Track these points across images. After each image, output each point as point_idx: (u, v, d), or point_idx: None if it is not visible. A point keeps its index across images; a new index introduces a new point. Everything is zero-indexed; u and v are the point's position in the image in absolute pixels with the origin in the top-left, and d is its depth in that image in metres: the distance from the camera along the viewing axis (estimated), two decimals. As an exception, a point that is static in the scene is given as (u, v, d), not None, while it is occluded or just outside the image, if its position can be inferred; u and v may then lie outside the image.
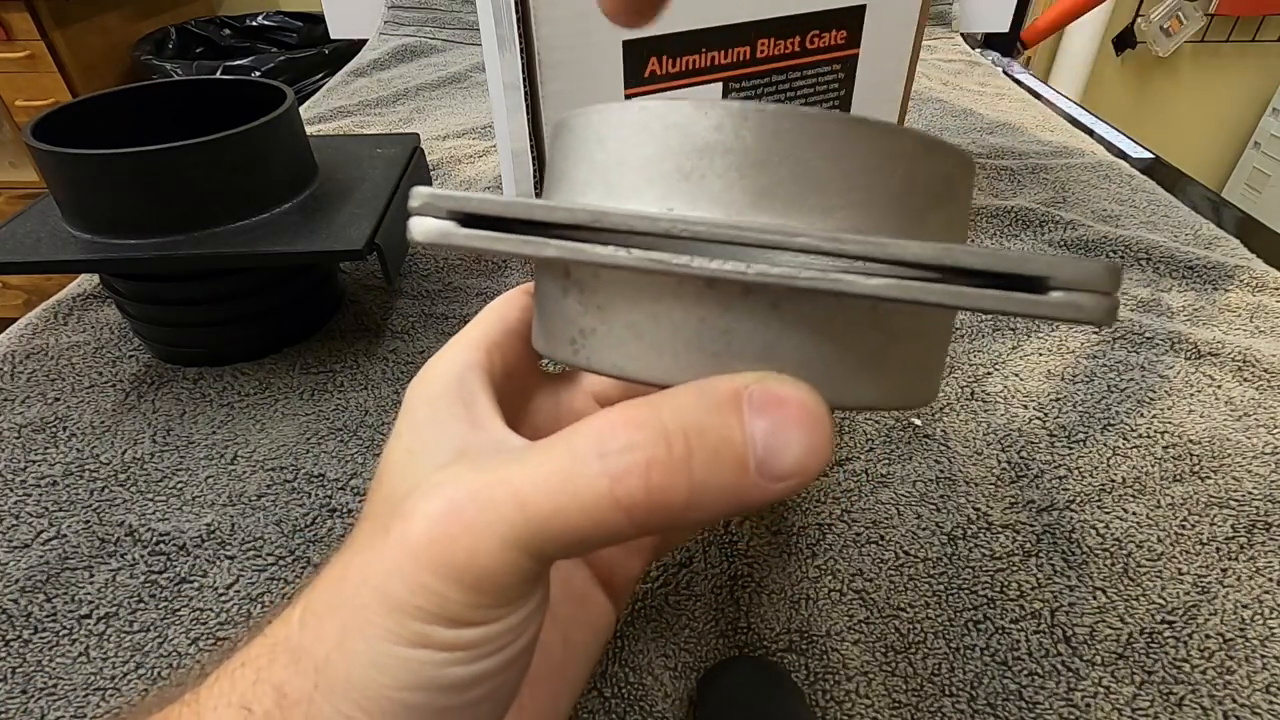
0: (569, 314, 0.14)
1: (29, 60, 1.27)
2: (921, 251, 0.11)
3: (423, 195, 0.12)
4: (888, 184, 0.12)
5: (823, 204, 0.12)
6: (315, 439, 0.32)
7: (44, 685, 0.24)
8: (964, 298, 0.11)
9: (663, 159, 0.13)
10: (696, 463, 0.11)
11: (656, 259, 0.11)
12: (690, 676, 0.24)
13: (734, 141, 0.12)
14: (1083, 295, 0.11)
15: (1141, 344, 0.37)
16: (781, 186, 0.12)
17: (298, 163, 0.36)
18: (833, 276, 0.11)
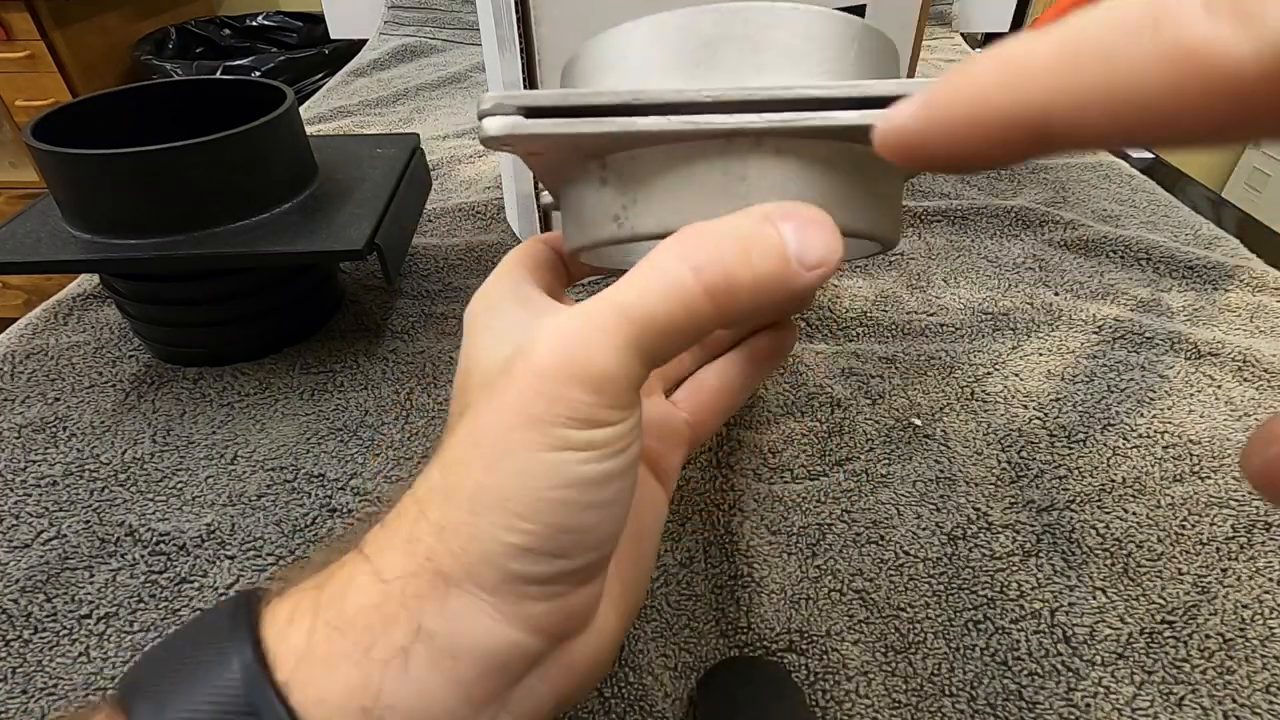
0: (607, 200, 0.17)
1: (29, 60, 1.27)
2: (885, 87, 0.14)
3: (491, 97, 0.15)
4: (847, 55, 0.16)
5: (806, 70, 0.16)
6: (315, 439, 0.32)
7: (44, 685, 0.24)
8: None
9: (676, 53, 0.16)
10: (754, 257, 0.14)
11: (691, 120, 0.14)
12: (690, 676, 0.24)
13: (730, 32, 0.16)
14: None
15: (1141, 344, 0.37)
16: (772, 61, 0.16)
17: (298, 163, 0.36)
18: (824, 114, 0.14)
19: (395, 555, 0.15)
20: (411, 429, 0.33)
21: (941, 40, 0.90)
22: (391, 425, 0.33)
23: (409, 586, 0.15)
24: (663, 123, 0.15)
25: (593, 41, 0.17)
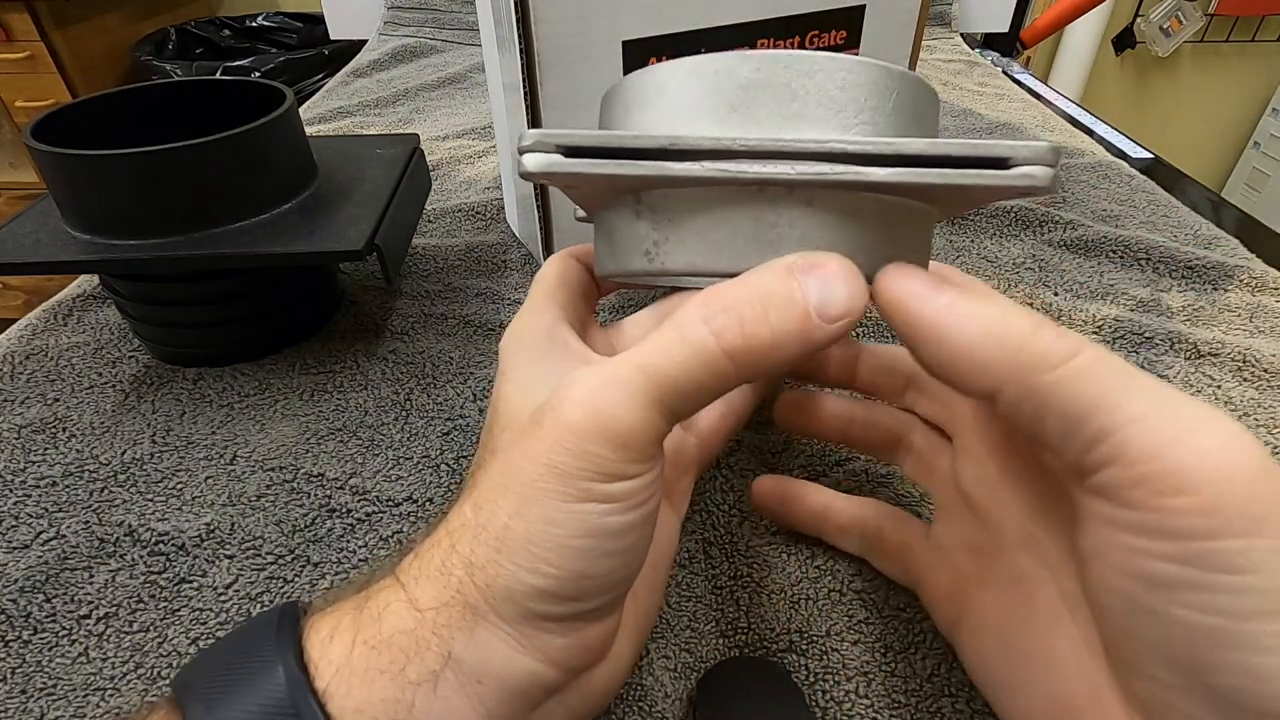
0: (640, 232, 0.17)
1: (29, 61, 1.27)
2: (917, 145, 0.14)
3: (532, 135, 0.16)
4: (885, 106, 0.16)
5: (841, 122, 0.16)
6: (315, 439, 0.32)
7: (43, 685, 0.24)
8: (950, 177, 0.14)
9: (714, 96, 0.16)
10: (773, 316, 0.15)
11: (724, 167, 0.15)
12: (690, 676, 0.24)
13: (771, 79, 0.16)
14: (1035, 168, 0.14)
15: (1141, 344, 0.37)
16: (809, 110, 0.16)
17: (298, 163, 0.36)
18: (855, 169, 0.15)
19: (429, 585, 0.16)
20: (411, 429, 0.33)
21: (941, 40, 0.90)
22: (391, 425, 0.33)
23: (440, 616, 0.16)
24: (697, 169, 0.15)
25: (633, 77, 0.18)
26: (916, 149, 0.14)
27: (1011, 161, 0.14)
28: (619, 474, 0.15)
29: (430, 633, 0.16)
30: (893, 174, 0.14)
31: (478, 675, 0.16)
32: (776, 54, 0.16)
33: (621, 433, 0.15)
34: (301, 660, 0.15)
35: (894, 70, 0.16)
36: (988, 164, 0.14)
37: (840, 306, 0.15)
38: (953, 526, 0.23)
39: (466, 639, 0.16)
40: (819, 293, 0.15)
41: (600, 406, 0.15)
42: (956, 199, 0.17)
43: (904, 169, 0.15)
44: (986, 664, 0.20)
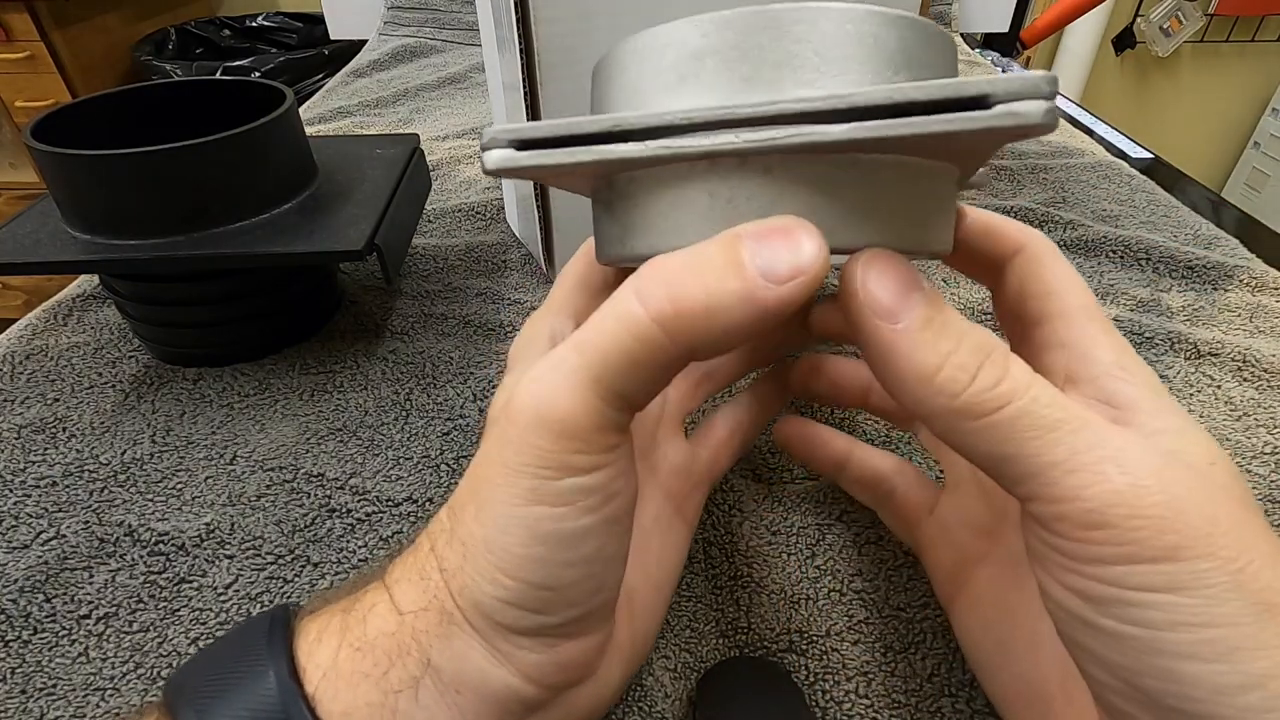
0: (615, 217, 0.16)
1: (29, 61, 1.27)
2: (874, 94, 0.13)
3: (489, 131, 0.15)
4: (854, 55, 0.14)
5: (800, 79, 0.14)
6: (315, 439, 0.32)
7: (43, 685, 0.24)
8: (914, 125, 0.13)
9: (665, 70, 0.15)
10: (707, 276, 0.14)
11: (667, 144, 0.14)
12: (690, 676, 0.24)
13: (719, 43, 0.15)
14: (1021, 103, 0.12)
15: (1141, 344, 0.37)
16: (762, 71, 0.14)
17: (298, 163, 0.36)
18: (804, 129, 0.13)
19: (410, 588, 0.16)
20: (411, 429, 0.33)
21: (941, 40, 0.90)
22: (391, 425, 0.33)
23: (419, 621, 0.15)
24: (640, 149, 0.14)
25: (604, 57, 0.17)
26: (870, 98, 0.13)
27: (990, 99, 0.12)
28: (564, 466, 0.14)
29: (410, 637, 0.15)
30: (849, 130, 0.13)
31: (455, 685, 0.15)
32: (724, 14, 0.14)
33: (559, 419, 0.14)
34: (293, 665, 0.15)
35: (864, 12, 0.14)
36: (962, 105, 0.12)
37: (788, 265, 0.13)
38: (961, 502, 0.23)
39: (444, 646, 0.15)
40: (758, 251, 0.13)
41: (537, 392, 0.15)
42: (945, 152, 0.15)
43: (861, 123, 0.13)
44: (975, 640, 0.21)
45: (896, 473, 0.25)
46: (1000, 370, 0.14)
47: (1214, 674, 0.13)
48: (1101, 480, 0.13)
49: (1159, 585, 0.13)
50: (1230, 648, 0.12)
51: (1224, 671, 0.13)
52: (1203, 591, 0.13)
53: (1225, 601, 0.13)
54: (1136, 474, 0.13)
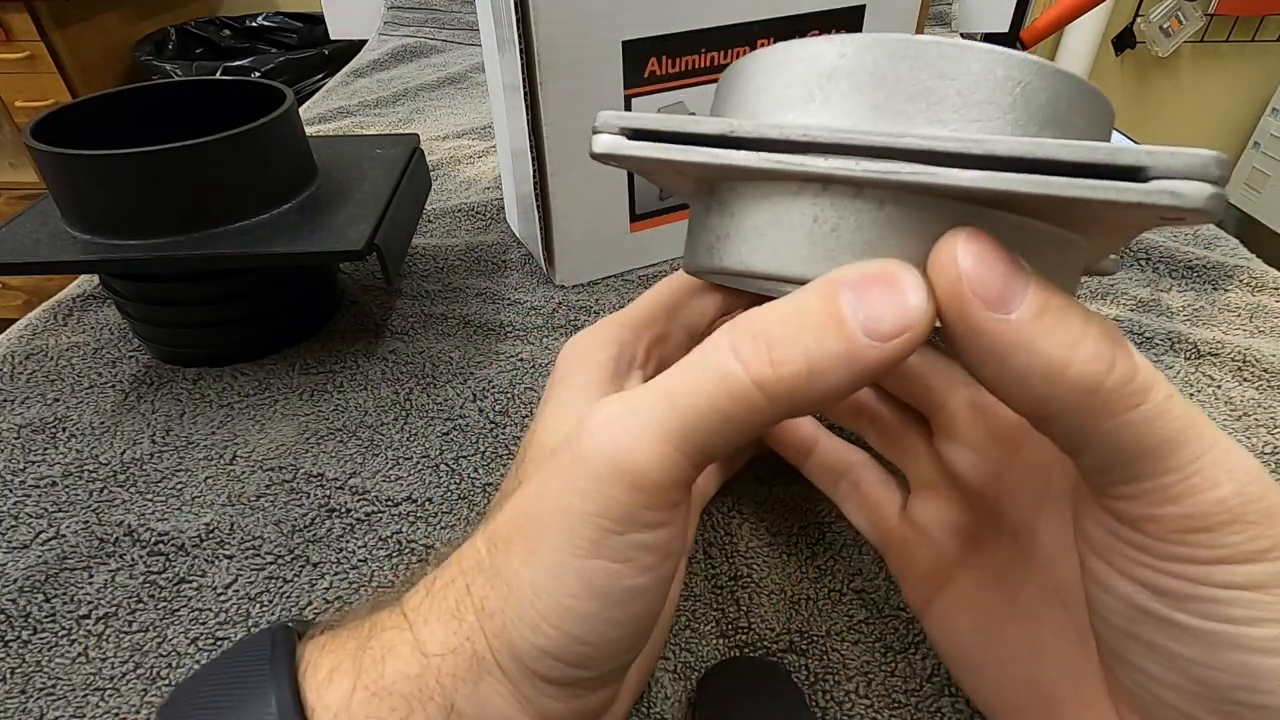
0: (710, 225, 0.16)
1: (29, 61, 1.27)
2: (1014, 145, 0.12)
3: (602, 116, 0.15)
4: (998, 101, 0.13)
5: (934, 116, 0.13)
6: (314, 439, 0.32)
7: (43, 685, 0.24)
8: (1053, 186, 0.11)
9: (793, 85, 0.15)
10: (809, 337, 0.13)
11: (783, 160, 0.13)
12: (690, 676, 0.24)
13: (856, 65, 0.14)
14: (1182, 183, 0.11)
15: (1141, 344, 0.37)
16: (895, 101, 0.14)
17: (298, 163, 0.36)
18: (931, 170, 0.12)
19: (438, 628, 0.15)
20: (411, 429, 0.33)
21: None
22: (391, 425, 0.33)
23: (447, 664, 0.15)
24: (753, 159, 0.14)
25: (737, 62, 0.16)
26: (1009, 148, 0.12)
27: (1149, 172, 0.11)
28: (634, 522, 0.14)
29: (435, 681, 0.15)
30: (979, 178, 0.12)
31: None
32: (868, 37, 0.14)
33: (638, 471, 0.13)
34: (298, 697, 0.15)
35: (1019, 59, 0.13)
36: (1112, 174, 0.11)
37: (893, 322, 0.13)
38: (936, 506, 0.22)
39: (470, 691, 0.14)
40: (861, 309, 0.13)
41: (616, 439, 0.14)
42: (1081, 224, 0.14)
43: (994, 173, 0.12)
44: (959, 643, 0.20)
45: (862, 465, 0.24)
46: (1133, 363, 0.13)
47: None
48: (1212, 487, 0.13)
49: (1244, 583, 0.13)
50: None
51: None
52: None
53: None
54: (1245, 481, 0.13)
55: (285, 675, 0.15)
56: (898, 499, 0.23)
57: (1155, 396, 0.13)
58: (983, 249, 0.13)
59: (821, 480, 0.26)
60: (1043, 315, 0.13)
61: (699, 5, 0.36)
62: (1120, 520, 0.14)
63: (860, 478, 0.24)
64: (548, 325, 0.39)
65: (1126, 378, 0.13)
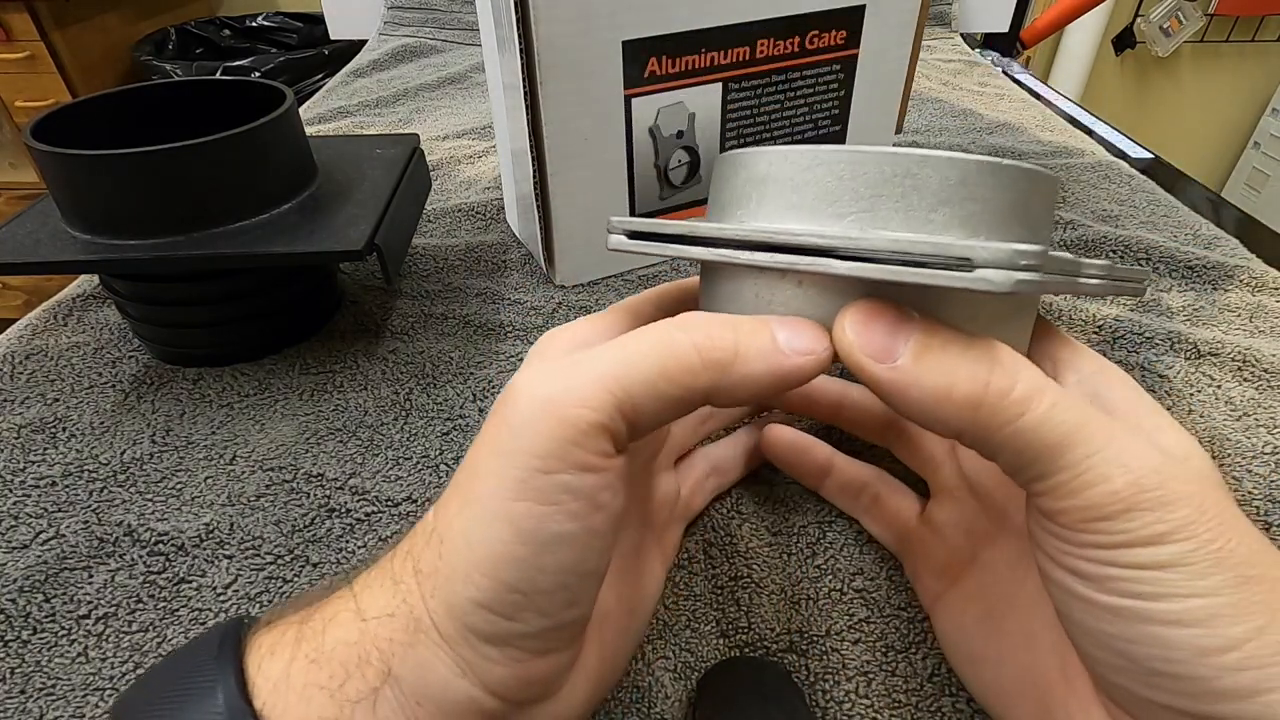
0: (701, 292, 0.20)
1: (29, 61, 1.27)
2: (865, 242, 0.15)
3: (614, 221, 0.19)
4: (889, 194, 0.16)
5: (836, 212, 0.17)
6: (314, 439, 0.32)
7: (42, 685, 0.24)
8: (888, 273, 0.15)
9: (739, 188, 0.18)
10: (741, 333, 0.16)
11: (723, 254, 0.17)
12: (690, 676, 0.24)
13: (777, 174, 0.17)
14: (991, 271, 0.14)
15: (1141, 344, 0.37)
16: (807, 202, 0.17)
17: (298, 163, 0.36)
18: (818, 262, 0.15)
19: (379, 593, 0.16)
20: (411, 429, 0.33)
21: (941, 40, 0.90)
22: (391, 425, 0.33)
23: (384, 628, 0.15)
24: (706, 254, 0.17)
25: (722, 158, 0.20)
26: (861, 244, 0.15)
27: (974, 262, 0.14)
28: (560, 458, 0.14)
29: (372, 645, 0.15)
30: (848, 268, 0.15)
31: (416, 697, 0.15)
32: (786, 150, 0.17)
33: (572, 416, 0.14)
34: (243, 681, 0.15)
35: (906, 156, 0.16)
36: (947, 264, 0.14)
37: (804, 343, 0.16)
38: (951, 508, 0.24)
39: (407, 655, 0.15)
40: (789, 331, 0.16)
41: (551, 382, 0.15)
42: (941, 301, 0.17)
43: (854, 264, 0.15)
44: (964, 636, 0.22)
45: (877, 479, 0.27)
46: (1010, 377, 0.15)
47: (1195, 637, 0.14)
48: (1104, 481, 0.15)
49: (1148, 563, 0.15)
50: (1210, 614, 0.14)
51: (1204, 635, 0.14)
52: (1187, 568, 0.14)
53: (1207, 575, 0.14)
54: (1137, 473, 0.15)
55: (232, 665, 0.15)
56: (915, 505, 0.26)
57: (1037, 406, 0.15)
58: (865, 317, 0.16)
59: (840, 499, 0.28)
60: (922, 357, 0.15)
61: (699, 5, 0.36)
62: (1044, 515, 0.16)
63: (879, 491, 0.26)
64: (548, 325, 0.39)
65: (1003, 393, 0.15)
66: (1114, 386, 0.18)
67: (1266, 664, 0.14)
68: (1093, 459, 0.15)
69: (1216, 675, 0.14)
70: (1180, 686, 0.15)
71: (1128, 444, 0.15)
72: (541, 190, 0.39)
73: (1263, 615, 0.14)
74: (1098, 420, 0.15)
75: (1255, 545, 0.15)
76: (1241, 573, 0.14)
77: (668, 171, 0.41)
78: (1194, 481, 0.15)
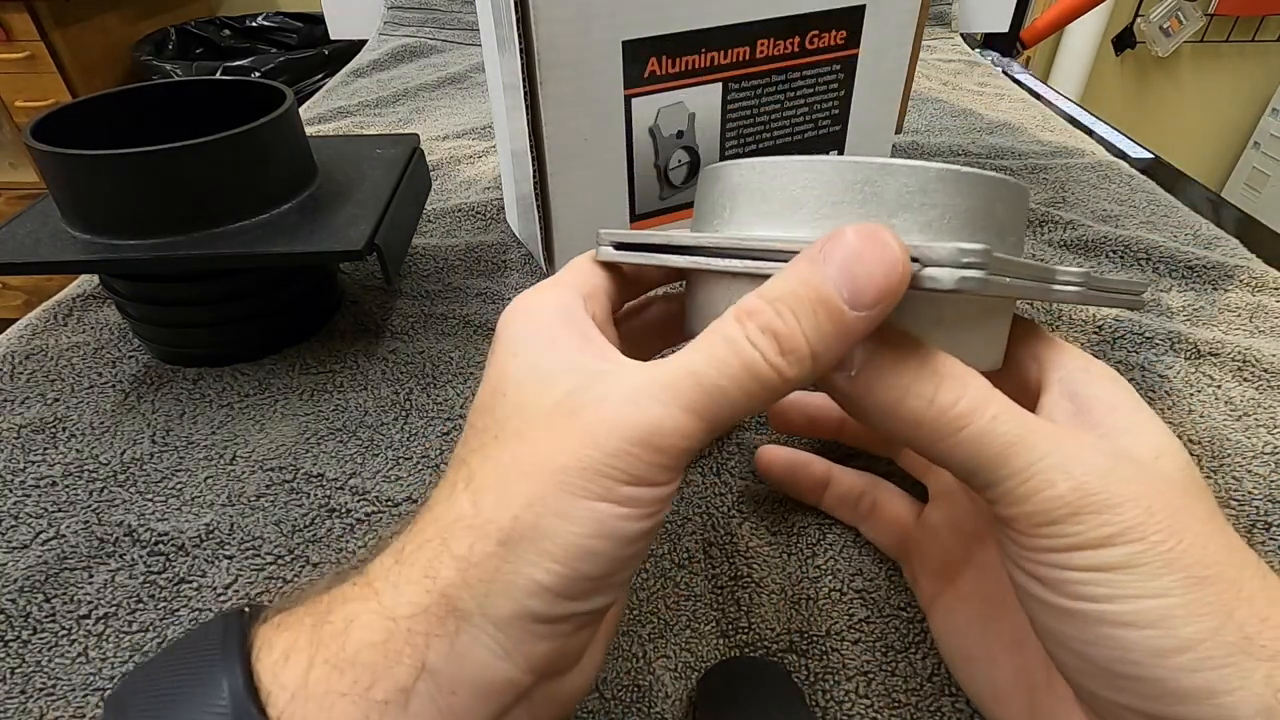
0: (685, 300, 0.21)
1: (29, 60, 1.27)
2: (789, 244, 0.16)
3: (603, 233, 0.20)
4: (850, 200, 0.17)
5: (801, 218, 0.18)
6: (314, 439, 0.32)
7: (43, 685, 0.24)
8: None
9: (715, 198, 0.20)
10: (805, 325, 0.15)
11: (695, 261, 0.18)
12: (690, 676, 0.24)
13: (746, 183, 0.19)
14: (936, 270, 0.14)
15: (1141, 344, 0.37)
16: (774, 209, 0.18)
17: (298, 163, 0.36)
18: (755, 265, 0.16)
19: (406, 589, 0.15)
20: (411, 429, 0.33)
21: (941, 40, 0.90)
22: (391, 425, 0.33)
23: (418, 623, 0.15)
24: (681, 261, 0.18)
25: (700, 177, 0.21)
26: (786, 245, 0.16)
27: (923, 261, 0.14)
28: (649, 479, 0.15)
29: (404, 643, 0.14)
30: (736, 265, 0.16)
31: (452, 686, 0.14)
32: (755, 161, 0.18)
33: (663, 437, 0.15)
34: (250, 680, 0.14)
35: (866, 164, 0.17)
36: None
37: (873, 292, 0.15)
38: (946, 510, 0.24)
39: (445, 647, 0.14)
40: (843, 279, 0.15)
41: (646, 407, 0.15)
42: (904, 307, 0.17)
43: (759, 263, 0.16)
44: (959, 636, 0.22)
45: (874, 486, 0.27)
46: (957, 391, 0.16)
47: (1149, 639, 0.14)
48: (1048, 487, 0.15)
49: (1099, 565, 0.15)
50: (1162, 616, 0.14)
51: (1158, 636, 0.14)
52: (1137, 570, 0.15)
53: (1157, 577, 0.14)
54: (1081, 478, 0.15)
55: (237, 660, 0.14)
56: (912, 509, 0.26)
57: (979, 419, 0.16)
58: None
59: (839, 510, 0.28)
60: (872, 368, 0.16)
61: (699, 5, 0.36)
62: (1002, 523, 0.17)
63: (876, 497, 0.27)
64: (548, 325, 0.39)
65: (945, 407, 0.16)
66: (1095, 384, 0.18)
67: (1221, 665, 0.14)
68: (1036, 465, 0.15)
69: (1173, 676, 0.14)
70: (1139, 688, 0.15)
71: (1074, 450, 0.16)
72: (541, 190, 0.39)
73: (1216, 616, 0.14)
74: (1043, 429, 0.16)
75: (1211, 546, 0.15)
76: (1194, 574, 0.14)
77: (668, 171, 0.41)
78: (1146, 482, 0.15)
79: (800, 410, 0.28)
